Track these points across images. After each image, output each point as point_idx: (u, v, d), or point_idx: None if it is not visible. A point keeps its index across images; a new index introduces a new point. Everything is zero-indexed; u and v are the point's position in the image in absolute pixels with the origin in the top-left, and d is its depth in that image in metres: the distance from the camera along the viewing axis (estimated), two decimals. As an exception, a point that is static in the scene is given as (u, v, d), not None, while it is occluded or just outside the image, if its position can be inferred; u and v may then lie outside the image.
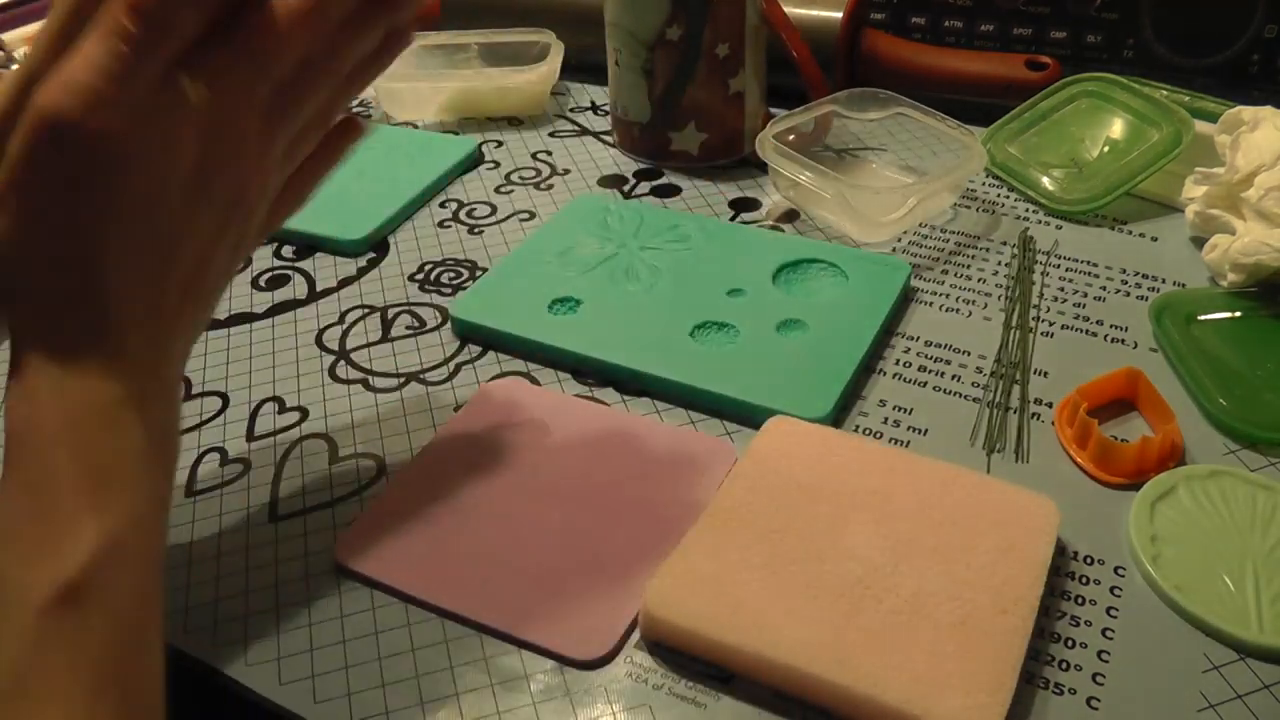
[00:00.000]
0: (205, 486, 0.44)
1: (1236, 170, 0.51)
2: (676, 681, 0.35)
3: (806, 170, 0.57)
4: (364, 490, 0.44)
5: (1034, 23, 0.72)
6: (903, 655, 0.34)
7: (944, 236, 0.59)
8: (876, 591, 0.36)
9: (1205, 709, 0.34)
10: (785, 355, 0.48)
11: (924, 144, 0.68)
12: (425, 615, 0.38)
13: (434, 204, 0.64)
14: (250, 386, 0.50)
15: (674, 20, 0.60)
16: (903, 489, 0.40)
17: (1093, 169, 0.60)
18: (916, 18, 0.74)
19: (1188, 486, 0.41)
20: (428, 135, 0.71)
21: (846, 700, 0.33)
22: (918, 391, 0.47)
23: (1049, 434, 0.45)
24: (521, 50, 0.76)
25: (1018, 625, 0.35)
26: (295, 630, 0.38)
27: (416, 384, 0.49)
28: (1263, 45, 0.67)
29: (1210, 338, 0.49)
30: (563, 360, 0.50)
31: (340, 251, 0.60)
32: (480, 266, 0.58)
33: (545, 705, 0.35)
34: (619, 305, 0.52)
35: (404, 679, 0.36)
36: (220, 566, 0.40)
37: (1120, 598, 0.38)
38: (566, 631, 0.37)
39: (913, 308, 0.53)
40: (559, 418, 0.46)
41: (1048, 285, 0.54)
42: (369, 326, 0.54)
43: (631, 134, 0.67)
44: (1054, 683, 0.35)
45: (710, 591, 0.36)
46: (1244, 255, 0.50)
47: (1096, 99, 0.63)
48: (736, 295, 0.52)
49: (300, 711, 0.35)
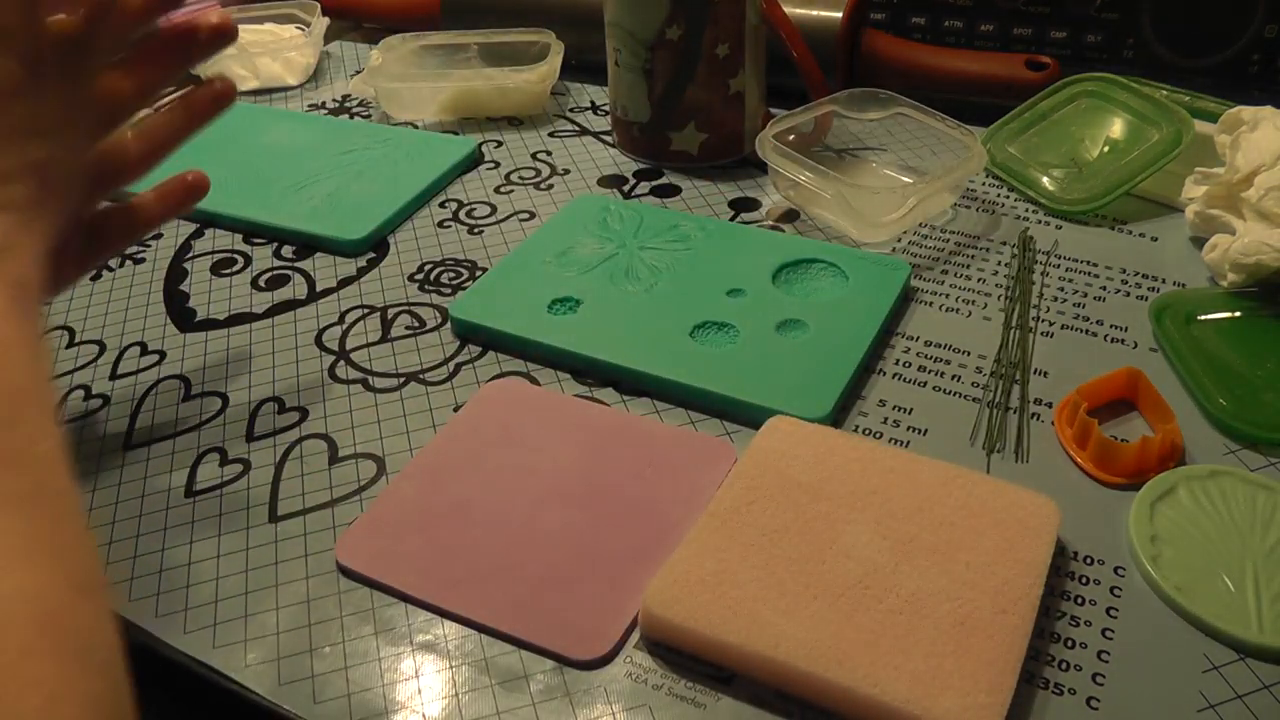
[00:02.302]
0: (205, 486, 0.44)
1: (1236, 170, 0.51)
2: (676, 681, 0.35)
3: (806, 170, 0.57)
4: (364, 490, 0.44)
5: (1034, 23, 0.72)
6: (902, 655, 0.34)
7: (944, 236, 0.59)
8: (876, 591, 0.36)
9: (1205, 709, 0.34)
10: (785, 355, 0.48)
11: (924, 144, 0.68)
12: (425, 615, 0.38)
13: (434, 204, 0.64)
14: (250, 386, 0.50)
15: (674, 20, 0.60)
16: (903, 489, 0.40)
17: (1093, 169, 0.60)
18: (916, 18, 0.74)
19: (1188, 486, 0.41)
20: (427, 135, 0.71)
21: (846, 700, 0.33)
22: (918, 391, 0.47)
23: (1049, 434, 0.45)
24: (521, 50, 0.76)
25: (1017, 625, 0.35)
26: (295, 630, 0.38)
27: (416, 384, 0.49)
28: (1263, 45, 0.67)
29: (1210, 338, 0.49)
30: (562, 360, 0.50)
31: (340, 251, 0.60)
32: (480, 266, 0.58)
33: (545, 705, 0.35)
34: (619, 305, 0.52)
35: (404, 679, 0.36)
36: (220, 566, 0.40)
37: (1120, 598, 0.38)
38: (566, 631, 0.37)
39: (913, 308, 0.53)
40: (559, 418, 0.46)
41: (1048, 285, 0.54)
42: (369, 326, 0.54)
43: (631, 134, 0.67)
44: (1054, 683, 0.35)
45: (710, 591, 0.36)
46: (1244, 255, 0.50)
47: (1096, 99, 0.63)
48: (736, 295, 0.52)
49: (300, 711, 0.35)
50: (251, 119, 0.74)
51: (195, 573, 0.40)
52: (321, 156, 0.68)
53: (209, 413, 0.48)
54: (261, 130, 0.72)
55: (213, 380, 0.50)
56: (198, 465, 0.45)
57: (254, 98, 0.79)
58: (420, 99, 0.73)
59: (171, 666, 0.37)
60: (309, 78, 0.82)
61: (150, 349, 0.53)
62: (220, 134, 0.72)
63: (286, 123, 0.74)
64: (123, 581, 0.40)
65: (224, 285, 0.58)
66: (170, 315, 0.56)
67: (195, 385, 0.50)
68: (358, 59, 0.85)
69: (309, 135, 0.71)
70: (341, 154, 0.68)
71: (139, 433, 0.47)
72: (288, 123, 0.74)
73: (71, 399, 0.50)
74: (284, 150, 0.69)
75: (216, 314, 0.55)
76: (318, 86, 0.81)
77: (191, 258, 0.61)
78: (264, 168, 0.67)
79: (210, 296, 0.57)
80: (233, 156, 0.69)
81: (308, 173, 0.66)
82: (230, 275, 0.59)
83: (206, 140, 0.71)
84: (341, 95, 0.79)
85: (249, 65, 0.80)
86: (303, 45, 0.81)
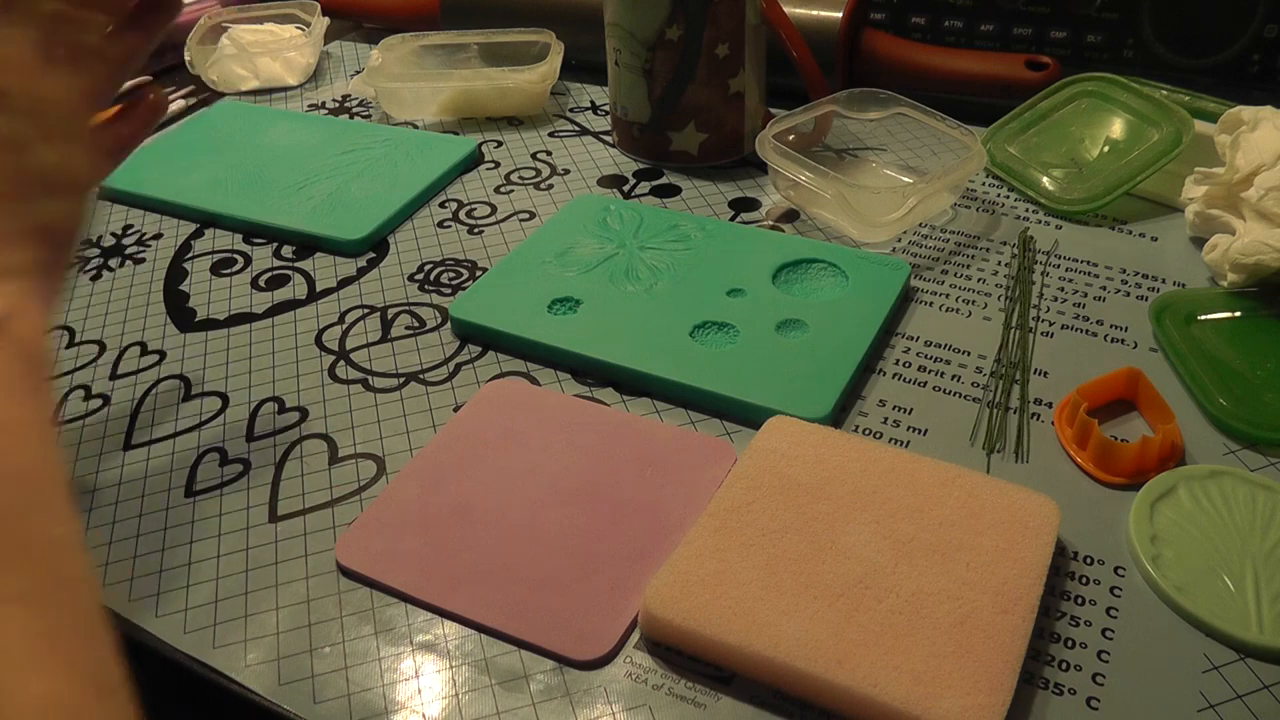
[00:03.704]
0: (205, 486, 0.44)
1: (1236, 170, 0.51)
2: (676, 681, 0.35)
3: (806, 170, 0.57)
4: (364, 490, 0.44)
5: (1034, 23, 0.72)
6: (902, 655, 0.34)
7: (944, 236, 0.59)
8: (876, 591, 0.36)
9: (1205, 709, 0.34)
10: (785, 355, 0.48)
11: (924, 144, 0.68)
12: (425, 615, 0.38)
13: (434, 204, 0.64)
14: (250, 386, 0.50)
15: (674, 20, 0.60)
16: (903, 489, 0.40)
17: (1093, 169, 0.60)
18: (916, 18, 0.74)
19: (1188, 486, 0.41)
20: (427, 135, 0.71)
21: (846, 700, 0.33)
22: (917, 391, 0.47)
23: (1049, 434, 0.45)
24: (521, 50, 0.76)
25: (1018, 625, 0.35)
26: (295, 630, 0.38)
27: (416, 384, 0.49)
28: (1263, 45, 0.67)
29: (1210, 338, 0.49)
30: (562, 360, 0.50)
31: (340, 251, 0.60)
32: (480, 266, 0.58)
33: (545, 705, 0.35)
34: (619, 305, 0.52)
35: (404, 679, 0.36)
36: (220, 566, 0.40)
37: (1120, 598, 0.38)
38: (566, 631, 0.37)
39: (913, 308, 0.53)
40: (559, 418, 0.46)
41: (1048, 285, 0.54)
42: (369, 326, 0.54)
43: (631, 134, 0.67)
44: (1054, 683, 0.35)
45: (710, 591, 0.36)
46: (1244, 255, 0.50)
47: (1096, 99, 0.63)
48: (736, 295, 0.52)
49: (300, 712, 0.35)
50: (251, 119, 0.74)
51: (195, 573, 0.40)
52: (321, 156, 0.68)
53: (209, 413, 0.48)
54: (261, 130, 0.72)
55: (213, 380, 0.50)
56: (198, 465, 0.45)
57: (254, 98, 0.79)
58: (420, 99, 0.73)
59: (171, 666, 0.37)
60: (309, 78, 0.82)
61: (150, 349, 0.53)
62: (220, 134, 0.73)
63: (286, 123, 0.74)
64: (123, 581, 0.40)
65: (224, 285, 0.58)
66: (170, 315, 0.56)
67: (195, 385, 0.50)
68: (358, 59, 0.85)
69: (309, 135, 0.71)
70: (341, 154, 0.68)
71: (139, 433, 0.47)
72: (288, 123, 0.74)
73: (71, 399, 0.50)
74: (284, 150, 0.69)
75: (216, 314, 0.55)
76: (318, 86, 0.81)
77: (191, 258, 0.61)
78: (264, 168, 0.67)
79: (210, 296, 0.57)
80: (233, 156, 0.69)
81: (308, 173, 0.66)
82: (230, 275, 0.59)
83: (207, 140, 0.72)
84: (341, 95, 0.79)
85: (249, 65, 0.80)
86: (303, 45, 0.81)
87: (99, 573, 0.40)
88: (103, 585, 0.40)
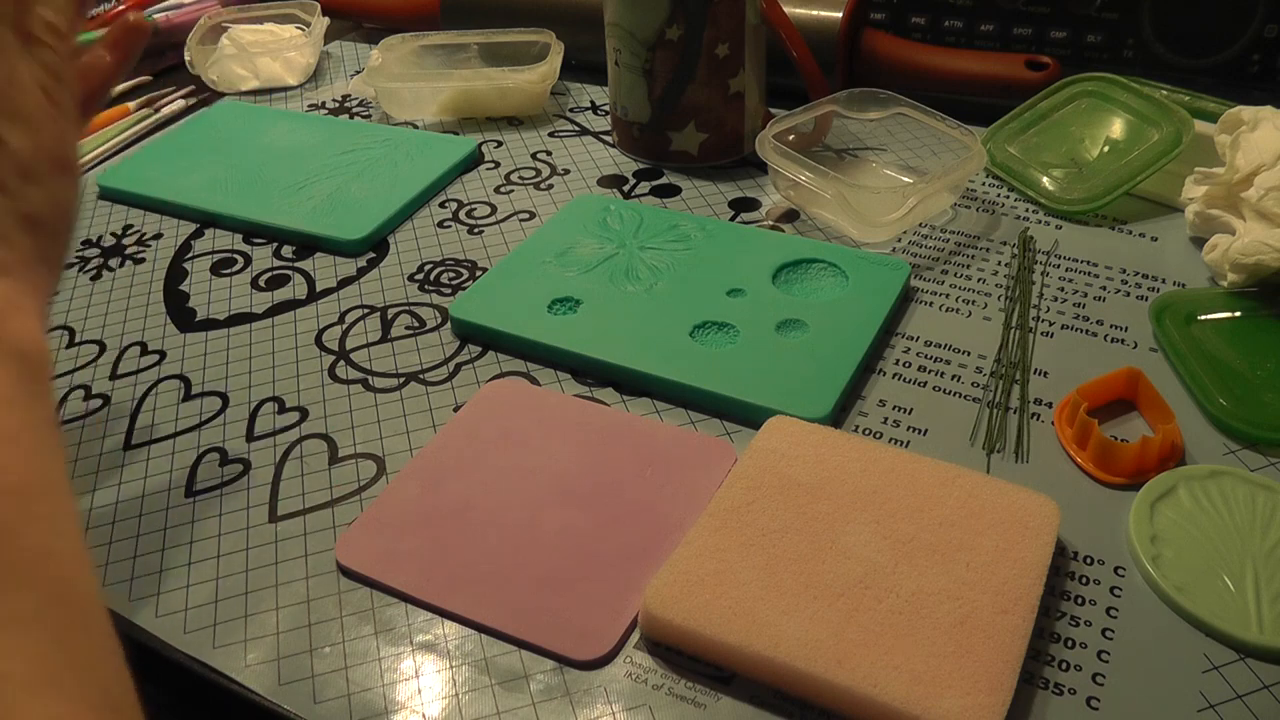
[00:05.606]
0: (205, 486, 0.44)
1: (1236, 170, 0.51)
2: (676, 681, 0.35)
3: (806, 170, 0.57)
4: (364, 490, 0.44)
5: (1034, 23, 0.72)
6: (902, 655, 0.34)
7: (944, 236, 0.59)
8: (876, 591, 0.36)
9: (1205, 709, 0.34)
10: (785, 355, 0.48)
11: (924, 144, 0.68)
12: (425, 615, 0.38)
13: (434, 204, 0.64)
14: (250, 386, 0.50)
15: (674, 20, 0.60)
16: (903, 489, 0.40)
17: (1093, 169, 0.60)
18: (916, 18, 0.74)
19: (1188, 486, 0.41)
20: (427, 135, 0.71)
21: (846, 700, 0.33)
22: (917, 391, 0.47)
23: (1049, 434, 0.45)
24: (521, 50, 0.76)
25: (1017, 625, 0.35)
26: (295, 630, 0.38)
27: (416, 384, 0.49)
28: (1263, 45, 0.67)
29: (1210, 338, 0.49)
30: (562, 360, 0.50)
31: (340, 251, 0.60)
32: (480, 266, 0.58)
33: (545, 705, 0.35)
34: (619, 305, 0.52)
35: (404, 679, 0.36)
36: (220, 566, 0.40)
37: (1120, 598, 0.38)
38: (566, 631, 0.37)
39: (913, 308, 0.53)
40: (559, 418, 0.46)
41: (1048, 285, 0.54)
42: (369, 326, 0.54)
43: (631, 134, 0.67)
44: (1054, 683, 0.35)
45: (710, 591, 0.36)
46: (1244, 255, 0.50)
47: (1096, 99, 0.63)
48: (736, 295, 0.52)
49: (300, 712, 0.35)
50: (251, 119, 0.74)
51: (195, 573, 0.40)
52: (321, 156, 0.68)
53: (209, 413, 0.48)
54: (261, 130, 0.72)
55: (213, 380, 0.50)
56: (198, 465, 0.45)
57: (254, 98, 0.79)
58: (420, 99, 0.73)
59: (171, 666, 0.37)
60: (309, 78, 0.82)
61: (150, 349, 0.53)
62: (220, 134, 0.73)
63: (286, 123, 0.74)
64: (123, 582, 0.40)
65: (224, 285, 0.58)
66: (170, 315, 0.56)
67: (195, 385, 0.50)
68: (358, 59, 0.85)
69: (309, 135, 0.71)
70: (341, 154, 0.68)
71: (139, 433, 0.47)
72: (288, 123, 0.74)
73: (71, 399, 0.50)
74: (284, 150, 0.69)
75: (216, 314, 0.55)
76: (318, 86, 0.81)
77: (191, 258, 0.61)
78: (264, 168, 0.67)
79: (210, 296, 0.57)
80: (233, 156, 0.69)
81: (308, 173, 0.66)
82: (230, 275, 0.59)
83: (207, 140, 0.72)
84: (341, 95, 0.79)
85: (249, 65, 0.80)
86: (303, 45, 0.81)
87: (99, 573, 0.40)
88: (103, 585, 0.40)
